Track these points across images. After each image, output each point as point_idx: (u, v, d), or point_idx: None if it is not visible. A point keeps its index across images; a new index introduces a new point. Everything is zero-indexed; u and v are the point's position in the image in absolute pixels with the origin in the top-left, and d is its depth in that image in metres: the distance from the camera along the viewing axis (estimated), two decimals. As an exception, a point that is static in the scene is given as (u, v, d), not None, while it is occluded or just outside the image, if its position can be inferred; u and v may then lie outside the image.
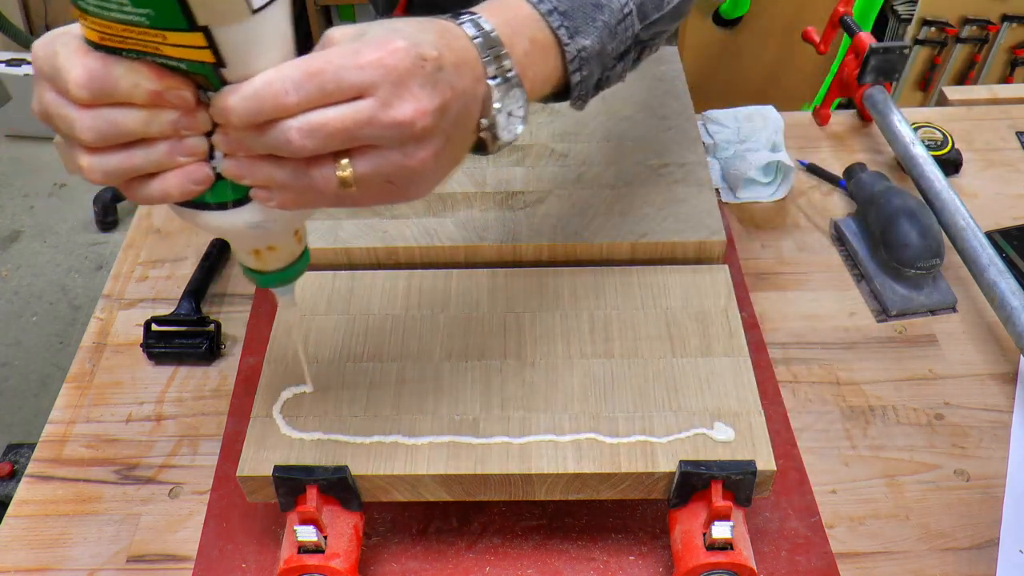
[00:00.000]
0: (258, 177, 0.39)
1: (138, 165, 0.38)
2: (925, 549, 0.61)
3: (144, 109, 0.36)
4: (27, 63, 2.23)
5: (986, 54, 2.04)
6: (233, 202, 0.41)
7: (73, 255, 2.07)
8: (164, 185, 0.38)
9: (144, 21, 0.33)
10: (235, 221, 0.42)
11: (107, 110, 0.36)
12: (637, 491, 0.55)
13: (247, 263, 0.47)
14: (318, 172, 0.39)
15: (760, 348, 0.73)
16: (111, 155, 0.37)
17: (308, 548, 0.54)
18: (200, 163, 0.39)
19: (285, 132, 0.37)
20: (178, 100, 0.37)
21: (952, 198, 0.77)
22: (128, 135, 0.37)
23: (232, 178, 0.40)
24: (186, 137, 0.38)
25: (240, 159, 0.39)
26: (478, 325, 0.63)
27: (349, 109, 0.37)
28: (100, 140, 0.36)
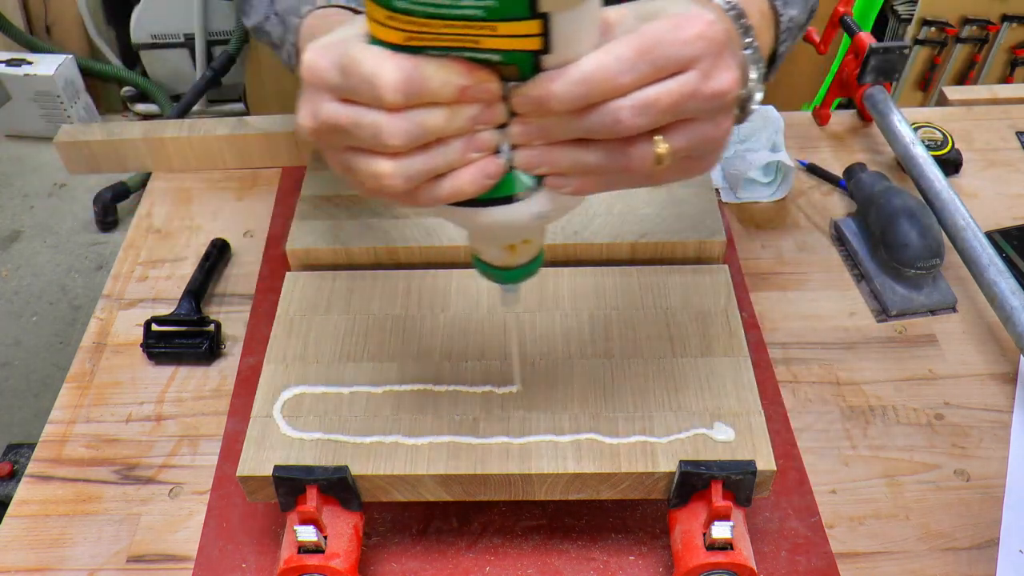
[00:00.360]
0: (561, 163, 0.38)
1: (436, 165, 0.37)
2: (925, 549, 0.61)
3: (448, 107, 0.36)
4: (27, 63, 2.23)
5: (986, 54, 2.04)
6: (521, 194, 0.40)
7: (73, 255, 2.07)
8: (457, 183, 0.38)
9: (479, 14, 0.33)
10: (520, 214, 0.40)
11: (415, 111, 0.35)
12: (637, 491, 0.55)
13: (495, 260, 0.46)
14: (636, 151, 0.38)
15: (760, 348, 0.73)
16: (413, 158, 0.36)
17: (308, 548, 0.54)
18: (491, 157, 0.38)
19: (615, 112, 0.36)
20: (485, 94, 0.36)
21: (952, 198, 0.77)
22: (432, 135, 0.36)
23: (527, 168, 0.39)
24: (480, 132, 0.37)
25: (539, 147, 0.38)
26: (478, 325, 0.63)
27: (675, 83, 0.36)
28: (408, 143, 0.36)
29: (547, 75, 0.35)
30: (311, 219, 0.71)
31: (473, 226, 0.42)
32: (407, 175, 0.37)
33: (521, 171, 0.39)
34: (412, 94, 0.34)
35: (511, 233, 0.44)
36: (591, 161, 0.38)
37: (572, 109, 0.36)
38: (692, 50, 0.36)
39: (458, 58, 0.35)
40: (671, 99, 0.36)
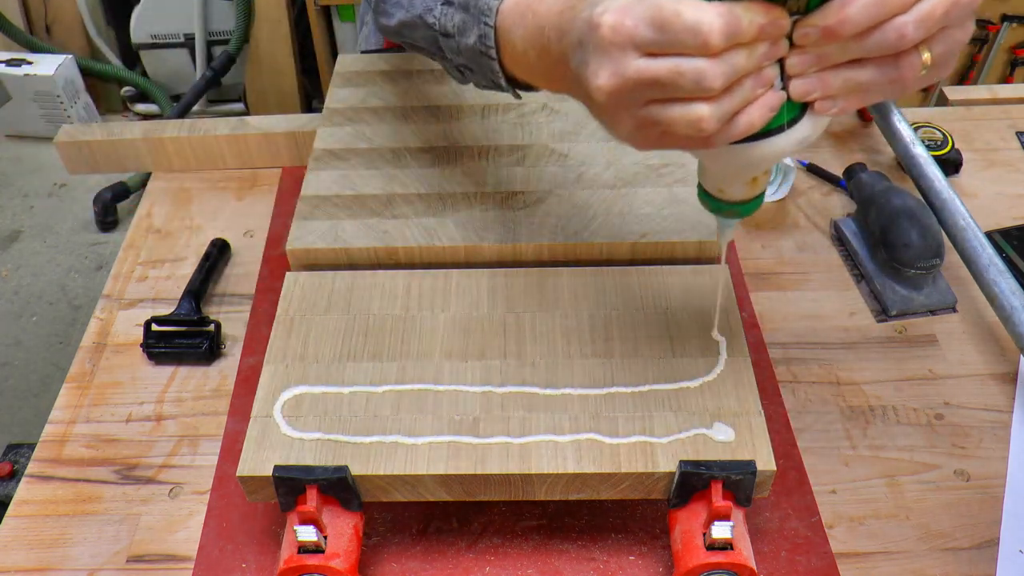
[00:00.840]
0: (834, 86, 0.41)
1: (736, 104, 0.40)
2: (925, 549, 0.61)
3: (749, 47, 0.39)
4: (27, 63, 2.23)
5: (986, 54, 2.04)
6: (788, 123, 0.42)
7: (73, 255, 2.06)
8: (749, 118, 0.41)
9: None
10: (789, 141, 0.43)
11: (730, 54, 0.38)
12: (637, 491, 0.55)
13: (738, 195, 0.49)
14: (907, 62, 0.40)
15: (760, 348, 0.73)
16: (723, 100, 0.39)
17: (308, 548, 0.54)
18: (772, 90, 0.41)
19: (900, 28, 0.38)
20: (777, 30, 0.39)
21: (952, 198, 0.77)
22: (740, 74, 0.39)
23: (802, 96, 0.41)
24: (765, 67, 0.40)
25: (813, 75, 0.41)
26: (478, 325, 0.63)
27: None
28: (726, 84, 0.39)
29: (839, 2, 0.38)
30: (311, 219, 0.71)
31: (747, 161, 0.44)
32: (721, 114, 0.40)
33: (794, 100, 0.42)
34: (731, 37, 0.38)
35: (773, 162, 0.46)
36: (863, 79, 0.41)
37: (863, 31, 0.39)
38: None
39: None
40: (944, 8, 0.38)
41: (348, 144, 0.78)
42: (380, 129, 0.80)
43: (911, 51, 0.40)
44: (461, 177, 0.74)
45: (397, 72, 0.87)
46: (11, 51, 2.29)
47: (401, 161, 0.76)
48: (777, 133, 0.43)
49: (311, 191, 0.74)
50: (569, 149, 0.77)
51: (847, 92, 0.42)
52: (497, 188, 0.73)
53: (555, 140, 0.78)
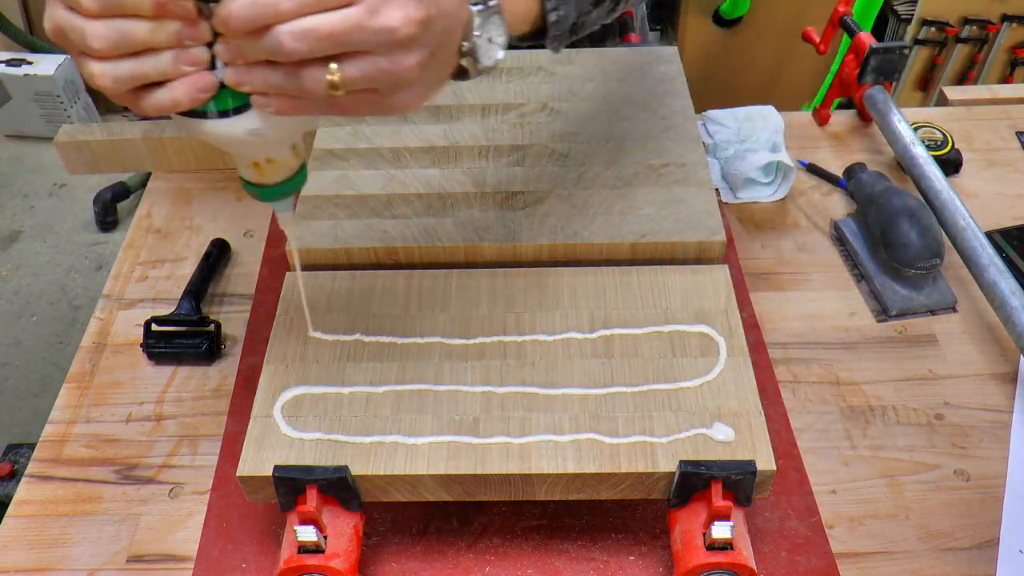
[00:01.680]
0: (256, 82, 0.42)
1: (146, 72, 0.41)
2: (925, 549, 0.61)
3: (151, 21, 0.40)
4: (27, 63, 2.23)
5: (986, 54, 2.04)
6: (234, 110, 0.44)
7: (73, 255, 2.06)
8: (172, 93, 0.42)
9: None
10: (235, 128, 0.44)
11: (116, 21, 0.39)
12: (637, 491, 0.55)
13: (248, 176, 0.50)
14: (308, 74, 0.41)
15: (760, 348, 0.73)
16: (121, 63, 0.41)
17: (308, 548, 0.54)
18: (204, 72, 0.42)
19: (278, 36, 0.39)
20: (180, 11, 0.40)
21: (952, 198, 0.77)
22: (136, 44, 0.40)
23: (232, 85, 0.42)
24: (190, 47, 0.41)
25: (239, 67, 0.42)
26: (478, 325, 0.63)
27: (339, 15, 0.39)
28: (110, 48, 0.40)
29: None
30: (311, 219, 0.71)
31: (203, 138, 0.45)
32: (114, 76, 0.41)
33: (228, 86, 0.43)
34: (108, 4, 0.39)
35: (240, 148, 0.48)
36: (276, 82, 0.42)
37: (247, 30, 0.40)
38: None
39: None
40: (331, 28, 0.39)
41: (348, 144, 0.78)
42: (380, 129, 0.80)
43: (313, 64, 0.41)
44: (461, 177, 0.74)
45: (397, 72, 0.86)
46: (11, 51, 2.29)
47: (401, 161, 0.76)
48: (219, 117, 0.44)
49: (311, 191, 0.74)
50: (569, 149, 0.77)
51: (273, 92, 0.43)
52: (497, 188, 0.73)
53: (555, 140, 0.78)
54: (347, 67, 0.41)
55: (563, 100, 0.82)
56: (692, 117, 0.80)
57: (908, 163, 0.82)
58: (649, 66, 0.86)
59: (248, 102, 0.44)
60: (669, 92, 0.83)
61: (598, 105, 0.81)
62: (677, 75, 0.85)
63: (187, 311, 0.75)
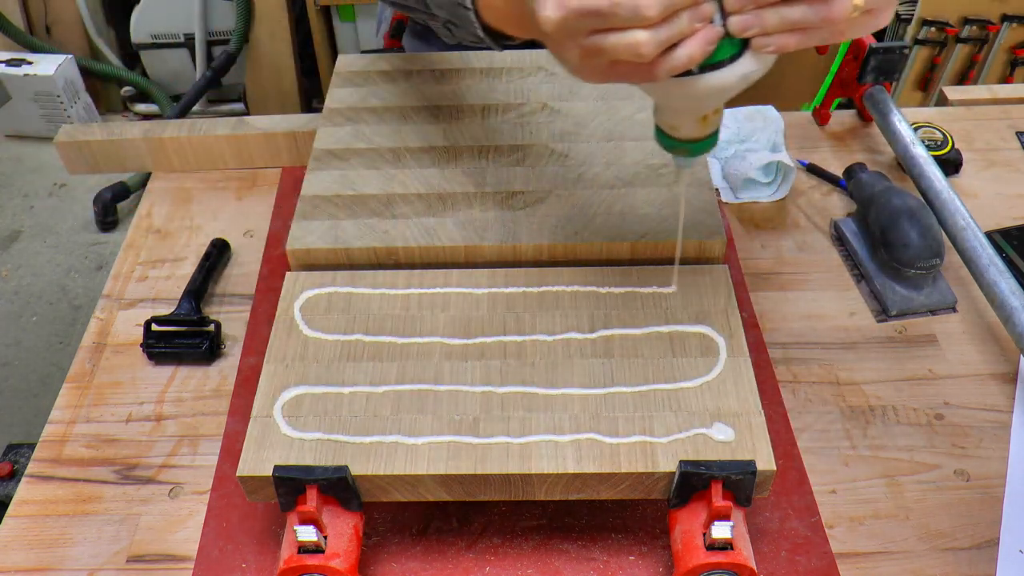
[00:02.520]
0: (769, 23, 0.43)
1: (676, 32, 0.43)
2: (925, 549, 0.61)
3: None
4: (27, 63, 2.23)
5: (986, 54, 2.04)
6: (729, 59, 0.45)
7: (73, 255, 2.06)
8: (688, 50, 0.43)
9: None
10: (731, 76, 0.46)
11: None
12: (637, 491, 0.55)
13: (690, 133, 0.52)
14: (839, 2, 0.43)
15: (760, 348, 0.73)
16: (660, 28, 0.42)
17: (308, 548, 0.54)
18: (711, 25, 0.44)
19: None
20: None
21: (952, 198, 0.77)
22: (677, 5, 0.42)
23: (740, 31, 0.44)
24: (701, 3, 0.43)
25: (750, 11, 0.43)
26: (478, 325, 0.63)
27: None
28: (662, 12, 0.41)
29: None
30: (311, 219, 0.71)
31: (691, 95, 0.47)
32: (659, 42, 0.42)
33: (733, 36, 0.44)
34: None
35: (719, 97, 0.48)
36: (796, 17, 0.43)
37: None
38: None
39: None
40: None
41: (348, 144, 0.78)
42: (380, 129, 0.80)
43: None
44: (461, 177, 0.74)
45: (397, 72, 0.87)
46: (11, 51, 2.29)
47: (401, 161, 0.76)
48: (719, 68, 0.45)
49: (311, 191, 0.74)
50: (569, 149, 0.77)
51: (782, 29, 0.44)
52: (497, 188, 0.73)
53: (555, 140, 0.78)
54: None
55: (563, 100, 0.82)
56: (692, 117, 0.80)
57: (908, 163, 0.82)
58: (649, 66, 0.86)
59: (741, 49, 0.45)
60: (669, 92, 0.83)
61: (598, 105, 0.81)
62: (677, 75, 0.85)
63: (187, 311, 0.75)
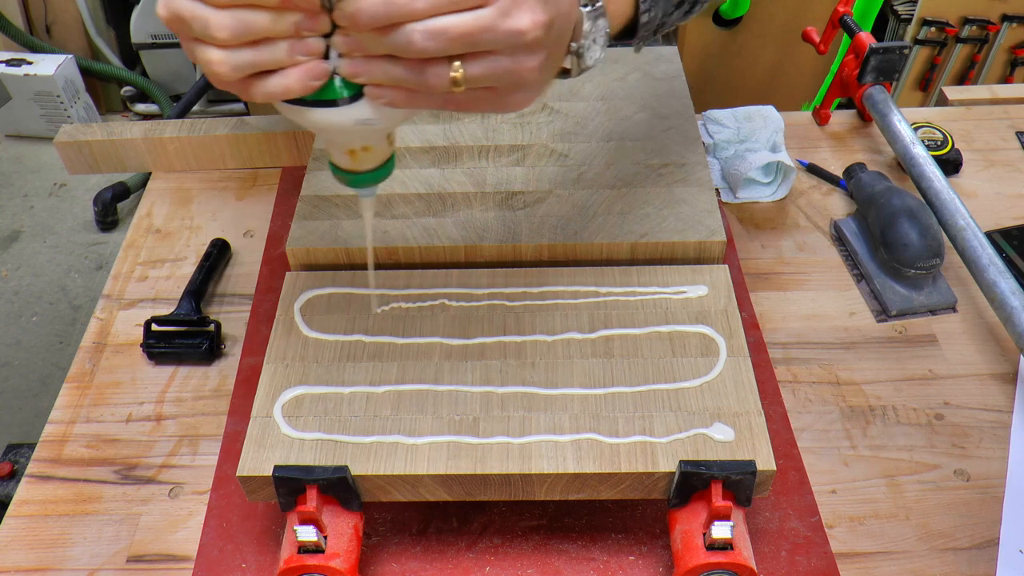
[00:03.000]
0: (375, 75, 0.43)
1: (263, 60, 0.42)
2: (925, 549, 0.61)
3: (273, 12, 0.40)
4: (27, 63, 2.23)
5: (986, 54, 2.04)
6: (345, 99, 0.44)
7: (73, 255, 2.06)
8: (286, 80, 0.42)
9: None
10: (345, 118, 0.45)
11: (241, 11, 0.40)
12: (637, 491, 0.55)
13: (342, 163, 0.51)
14: (433, 71, 0.42)
15: (760, 348, 0.73)
16: (241, 51, 0.41)
17: (308, 548, 0.54)
18: (317, 61, 0.42)
19: (409, 34, 0.40)
20: (305, 4, 0.40)
21: (952, 198, 0.77)
22: (257, 33, 0.41)
23: (349, 76, 0.43)
24: (307, 37, 0.42)
25: (358, 59, 0.43)
26: (478, 325, 0.63)
27: (471, 16, 0.40)
28: (233, 37, 0.41)
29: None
30: (311, 219, 0.71)
31: (308, 125, 0.46)
32: (234, 64, 0.41)
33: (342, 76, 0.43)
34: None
35: (343, 136, 0.48)
36: (397, 76, 0.43)
37: (376, 26, 0.40)
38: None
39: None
40: (462, 29, 0.40)
41: (348, 144, 0.78)
42: (380, 129, 0.79)
43: (438, 62, 0.42)
44: (461, 177, 0.74)
45: (397, 72, 0.86)
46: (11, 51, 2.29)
47: (401, 161, 0.76)
48: (327, 106, 0.44)
49: (311, 191, 0.74)
50: (569, 149, 0.77)
51: (390, 84, 0.43)
52: (497, 188, 0.73)
53: (555, 140, 0.78)
54: (471, 66, 0.42)
55: (563, 100, 0.82)
56: (692, 117, 0.80)
57: (908, 163, 0.82)
58: (649, 66, 0.86)
59: (358, 92, 0.44)
60: (669, 92, 0.83)
61: (598, 105, 0.81)
62: (677, 75, 0.85)
63: (187, 311, 0.75)
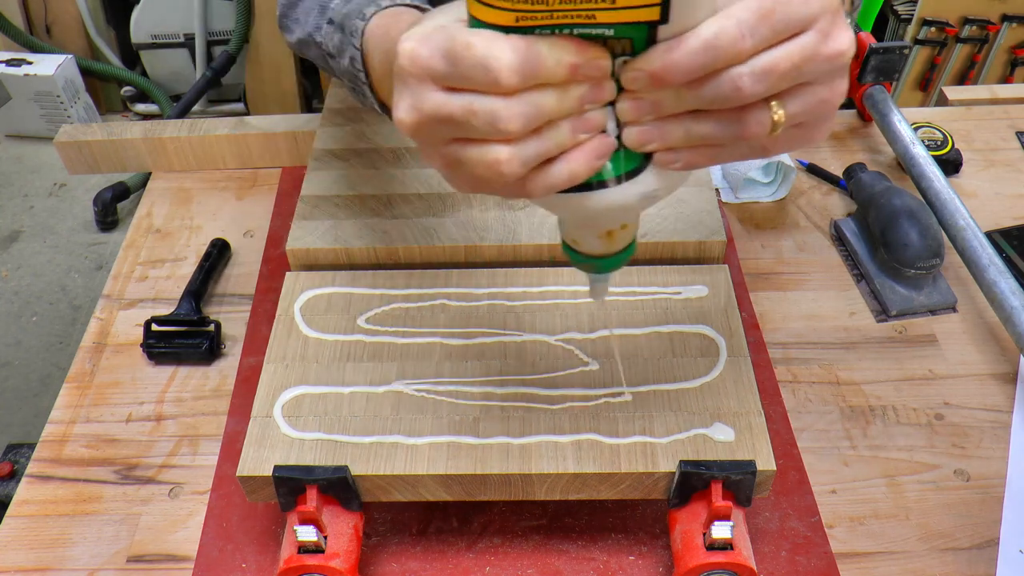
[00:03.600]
0: (673, 138, 0.37)
1: (549, 148, 0.36)
2: (925, 549, 0.61)
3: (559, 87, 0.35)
4: (27, 63, 2.23)
5: (986, 54, 2.04)
6: (626, 174, 0.38)
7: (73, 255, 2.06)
8: (571, 166, 0.36)
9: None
10: (629, 194, 0.38)
11: (530, 94, 0.34)
12: (637, 491, 0.55)
13: (594, 249, 0.44)
14: (752, 118, 0.36)
15: (760, 348, 0.73)
16: (528, 142, 0.35)
17: (308, 548, 0.54)
18: (602, 136, 0.36)
19: (735, 80, 0.34)
20: (596, 71, 0.35)
21: (952, 198, 0.77)
22: (546, 116, 0.35)
23: (638, 145, 0.37)
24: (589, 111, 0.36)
25: (649, 123, 0.37)
26: (478, 325, 0.63)
27: (796, 46, 0.35)
28: (526, 127, 0.34)
29: (665, 46, 0.34)
30: (311, 219, 0.71)
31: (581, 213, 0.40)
32: (524, 159, 0.35)
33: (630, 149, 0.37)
34: (528, 75, 0.33)
35: (617, 217, 0.42)
36: (705, 132, 0.37)
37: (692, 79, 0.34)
38: (811, 9, 0.34)
39: (569, 36, 0.34)
40: (791, 62, 0.34)
41: (348, 144, 0.78)
42: (380, 129, 0.80)
43: (758, 106, 0.36)
44: (461, 177, 0.74)
45: (397, 72, 0.86)
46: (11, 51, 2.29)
47: (401, 161, 0.76)
48: (613, 185, 0.38)
49: (311, 191, 0.74)
50: (569, 149, 0.77)
51: (689, 145, 0.37)
52: (497, 188, 0.73)
53: (555, 140, 0.78)
54: (790, 103, 0.36)
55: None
56: (692, 117, 0.80)
57: (908, 163, 0.82)
58: (649, 66, 0.86)
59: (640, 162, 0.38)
60: (669, 92, 0.83)
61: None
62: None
63: (187, 311, 0.75)
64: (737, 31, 0.33)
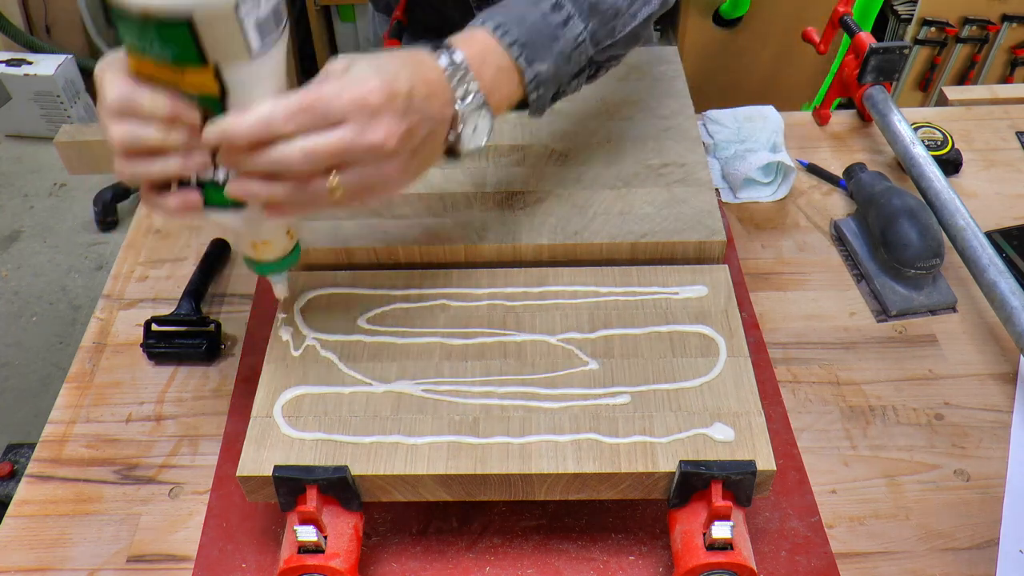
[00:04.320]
0: (256, 192, 0.47)
1: (154, 171, 0.47)
2: (925, 549, 0.61)
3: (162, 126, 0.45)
4: (27, 63, 2.23)
5: (986, 54, 2.04)
6: (233, 205, 0.49)
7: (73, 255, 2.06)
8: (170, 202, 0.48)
9: (167, 57, 0.43)
10: (234, 219, 0.51)
11: (133, 124, 0.45)
12: (637, 491, 0.55)
13: (247, 253, 0.56)
14: (313, 186, 0.47)
15: (760, 348, 0.73)
16: (136, 161, 0.47)
17: (308, 548, 0.54)
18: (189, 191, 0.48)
19: (285, 155, 0.45)
20: (189, 120, 0.45)
21: (952, 198, 0.77)
22: (147, 144, 0.46)
23: (232, 192, 0.47)
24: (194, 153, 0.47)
25: (241, 180, 0.47)
26: (478, 325, 0.63)
27: (334, 135, 0.46)
28: (125, 146, 0.46)
29: (225, 116, 0.45)
30: (311, 219, 0.71)
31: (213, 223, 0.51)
32: (130, 172, 0.47)
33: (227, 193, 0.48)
34: (126, 109, 0.45)
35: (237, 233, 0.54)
36: (278, 192, 0.47)
37: (247, 147, 0.45)
38: (345, 111, 0.46)
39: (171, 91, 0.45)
40: (329, 148, 0.45)
41: (348, 144, 0.78)
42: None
43: (318, 177, 0.47)
44: (461, 177, 0.74)
45: (397, 72, 0.86)
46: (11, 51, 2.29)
47: (401, 161, 0.76)
48: (224, 209, 0.49)
49: (311, 191, 0.73)
50: (569, 149, 0.77)
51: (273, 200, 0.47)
52: (497, 188, 0.73)
53: (555, 140, 0.78)
54: (344, 175, 0.47)
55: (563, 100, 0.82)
56: (692, 117, 0.80)
57: (908, 163, 0.82)
58: (649, 66, 0.86)
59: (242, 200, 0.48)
60: (669, 92, 0.83)
61: (598, 105, 0.81)
62: (677, 75, 0.85)
63: (187, 311, 0.75)
64: (283, 114, 0.45)
